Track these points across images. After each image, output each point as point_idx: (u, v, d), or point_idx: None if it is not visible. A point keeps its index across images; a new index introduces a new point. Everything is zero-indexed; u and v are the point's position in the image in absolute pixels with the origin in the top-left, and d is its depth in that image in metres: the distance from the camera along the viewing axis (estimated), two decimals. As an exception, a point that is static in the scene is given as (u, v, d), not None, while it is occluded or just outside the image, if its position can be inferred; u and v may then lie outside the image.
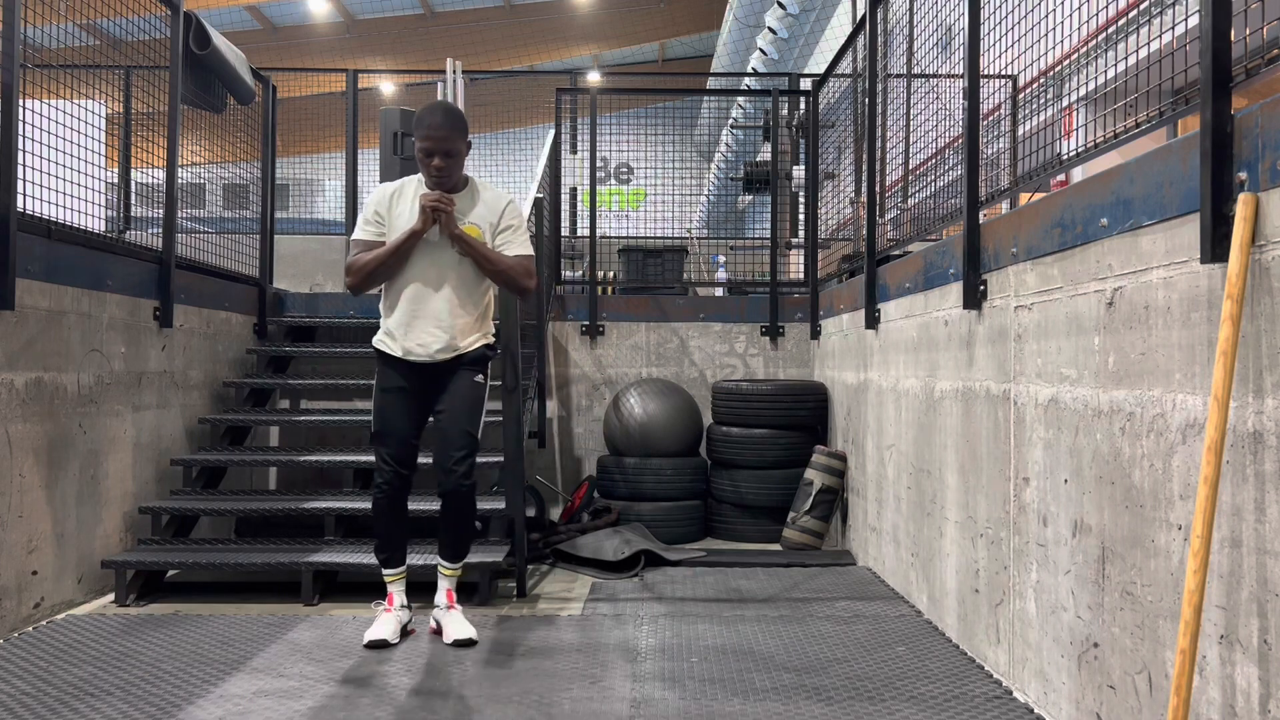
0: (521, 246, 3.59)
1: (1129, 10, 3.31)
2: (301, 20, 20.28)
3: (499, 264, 3.52)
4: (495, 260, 3.51)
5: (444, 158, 3.41)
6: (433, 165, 3.42)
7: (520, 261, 3.56)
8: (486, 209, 3.57)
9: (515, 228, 3.59)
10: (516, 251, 3.57)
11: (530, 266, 3.59)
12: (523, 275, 3.56)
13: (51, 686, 3.08)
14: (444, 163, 3.42)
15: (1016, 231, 3.03)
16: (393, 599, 3.68)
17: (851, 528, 5.34)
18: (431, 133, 3.40)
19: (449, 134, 3.42)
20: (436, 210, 3.40)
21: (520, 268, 3.55)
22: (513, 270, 3.54)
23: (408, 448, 3.61)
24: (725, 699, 2.99)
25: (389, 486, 3.58)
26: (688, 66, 22.10)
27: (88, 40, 4.67)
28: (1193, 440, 2.10)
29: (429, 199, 3.41)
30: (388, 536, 3.65)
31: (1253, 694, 1.90)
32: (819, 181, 6.56)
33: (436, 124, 3.41)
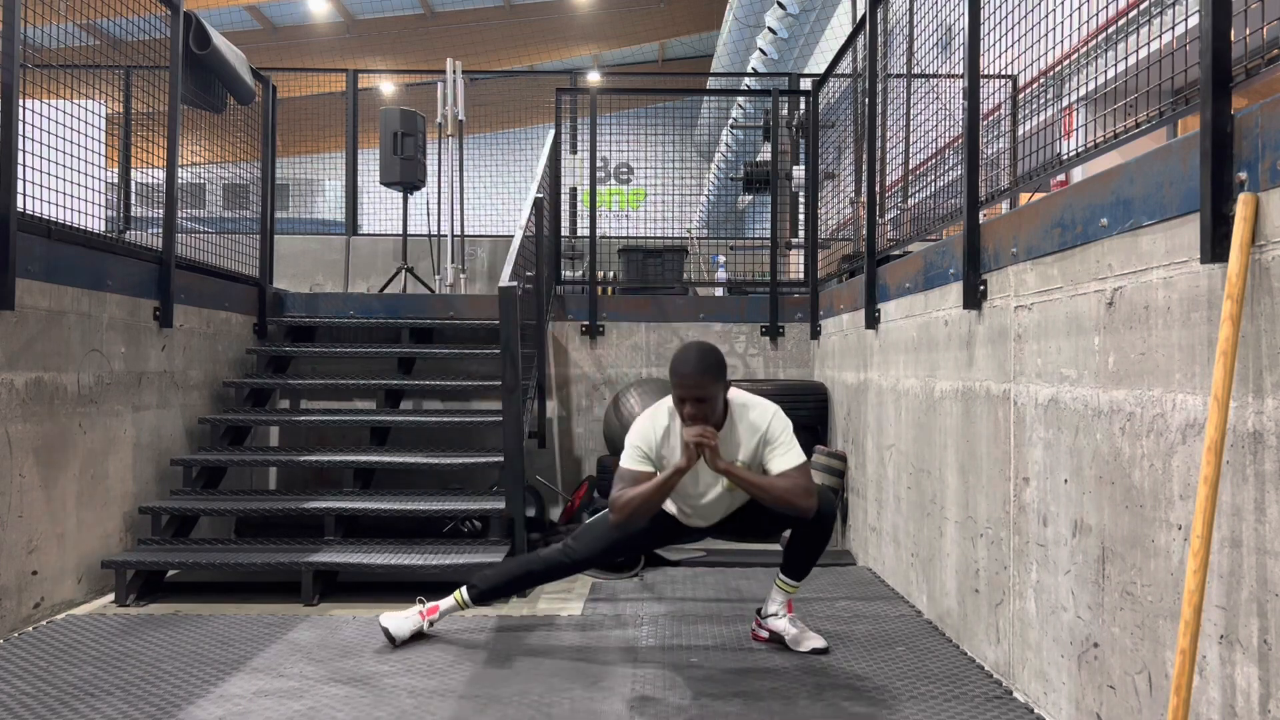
0: (788, 460, 3.33)
1: (1129, 10, 3.30)
2: (301, 20, 20.28)
3: (772, 491, 3.28)
4: (767, 487, 3.29)
5: (696, 404, 3.26)
6: (686, 413, 3.28)
7: (794, 481, 3.29)
8: (750, 432, 3.40)
9: (779, 441, 3.38)
10: (783, 466, 3.32)
11: (807, 483, 3.31)
12: (800, 496, 3.28)
13: (51, 686, 3.08)
14: (696, 410, 3.26)
15: (1016, 231, 3.03)
16: (435, 611, 3.67)
17: (851, 528, 5.34)
18: (684, 380, 3.27)
19: (700, 381, 3.25)
20: (700, 446, 3.24)
21: (796, 488, 3.28)
22: (788, 493, 3.27)
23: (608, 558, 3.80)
24: (725, 699, 2.99)
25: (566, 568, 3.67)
26: (688, 66, 22.10)
27: (88, 40, 4.67)
28: (1193, 440, 2.10)
29: (692, 434, 3.24)
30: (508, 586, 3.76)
31: (1253, 694, 1.90)
32: (819, 181, 6.56)
33: (688, 374, 3.26)
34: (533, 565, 3.71)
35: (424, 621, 3.64)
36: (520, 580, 3.78)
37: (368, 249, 8.37)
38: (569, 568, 3.66)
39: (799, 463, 3.33)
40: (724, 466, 3.26)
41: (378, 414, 5.61)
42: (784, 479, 3.30)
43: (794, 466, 3.32)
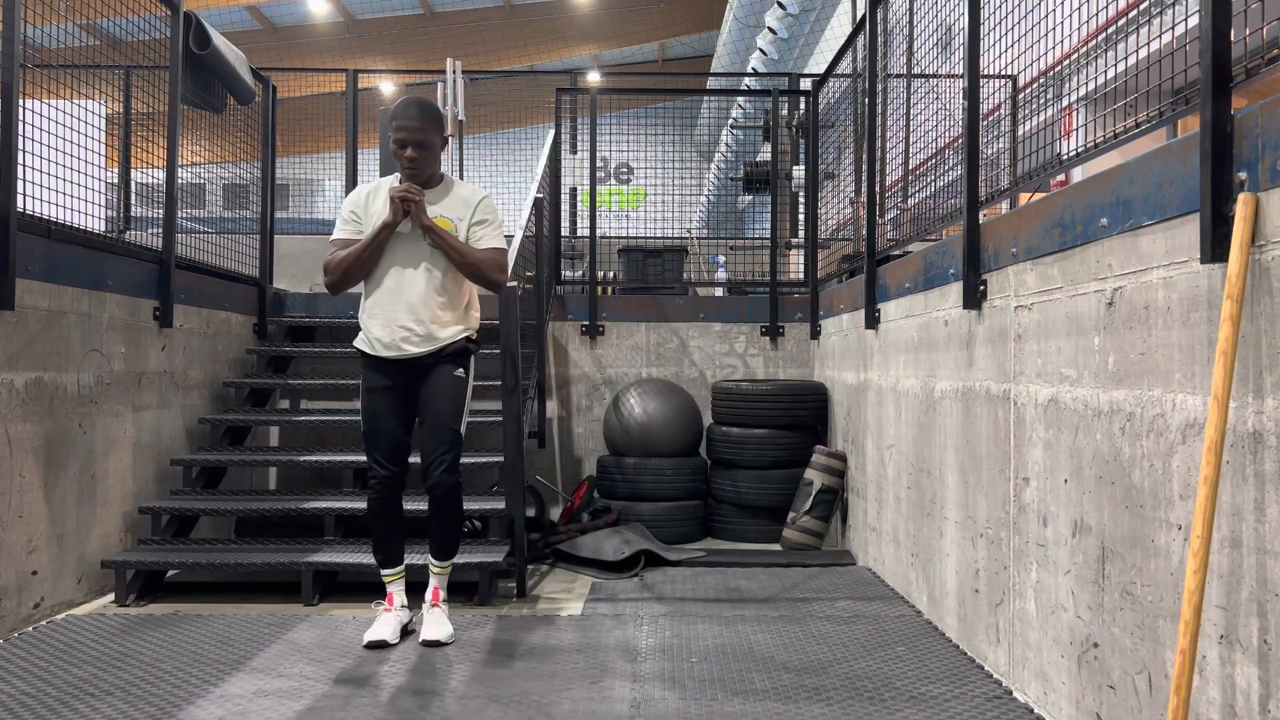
0: (494, 240, 3.60)
1: (1129, 10, 3.30)
2: (301, 20, 20.28)
3: (469, 256, 3.54)
4: (465, 253, 3.53)
5: (417, 148, 3.46)
6: (406, 155, 3.47)
7: (492, 255, 3.57)
8: (460, 204, 3.60)
9: (488, 222, 3.61)
10: (489, 245, 3.58)
11: (502, 260, 3.60)
12: (493, 269, 3.57)
13: (51, 686, 3.08)
14: (417, 154, 3.46)
15: (1016, 231, 3.03)
16: (392, 599, 3.68)
17: (851, 528, 5.34)
18: (405, 123, 3.46)
19: (422, 124, 3.47)
20: (406, 201, 3.45)
21: (492, 261, 3.56)
22: (483, 264, 3.55)
23: (397, 446, 3.62)
24: (725, 699, 2.99)
25: (381, 486, 3.60)
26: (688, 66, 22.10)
27: (88, 40, 4.67)
28: (1193, 440, 2.10)
29: (398, 191, 3.46)
30: (383, 536, 3.67)
31: (1253, 694, 1.90)
32: (819, 181, 6.56)
33: (410, 115, 3.47)
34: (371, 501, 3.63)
35: (396, 611, 3.65)
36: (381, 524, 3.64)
37: (368, 249, 8.35)
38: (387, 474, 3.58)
39: (500, 246, 3.62)
40: (427, 223, 3.47)
41: (378, 414, 5.60)
42: (483, 251, 3.56)
43: (494, 247, 3.59)
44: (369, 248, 3.49)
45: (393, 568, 3.71)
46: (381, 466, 3.58)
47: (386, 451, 3.59)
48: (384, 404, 3.60)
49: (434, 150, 3.52)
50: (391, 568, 3.71)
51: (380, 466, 3.58)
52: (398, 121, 3.47)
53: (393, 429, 3.60)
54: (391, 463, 3.60)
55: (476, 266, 3.55)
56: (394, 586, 3.71)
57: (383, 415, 3.60)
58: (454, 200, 3.60)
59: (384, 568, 3.71)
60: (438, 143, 3.53)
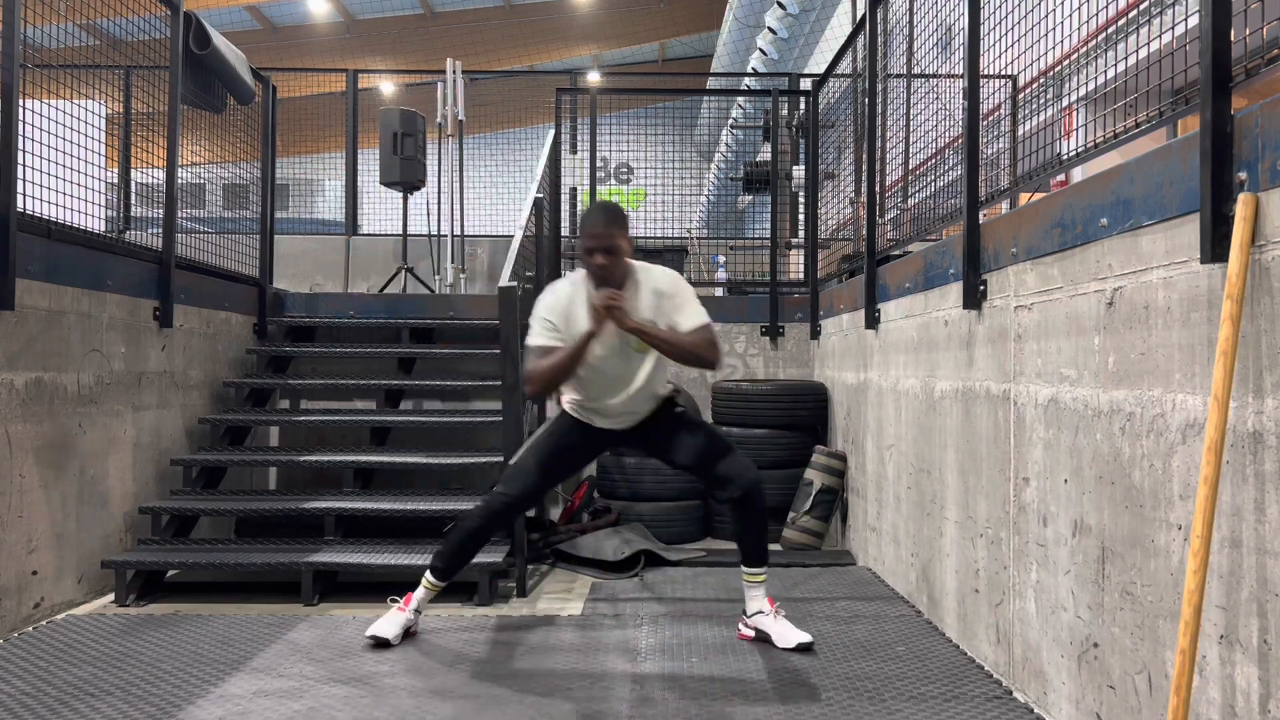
0: (694, 317, 3.44)
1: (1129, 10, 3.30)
2: (301, 20, 20.28)
3: (680, 344, 3.40)
4: (676, 342, 3.41)
5: (605, 254, 3.35)
6: (596, 262, 3.36)
7: (701, 336, 3.42)
8: (654, 295, 3.48)
9: (684, 300, 3.48)
10: (691, 324, 3.43)
11: (711, 337, 3.44)
12: (707, 349, 3.42)
13: (51, 686, 3.08)
14: (606, 260, 3.35)
15: (1016, 231, 3.03)
16: (410, 600, 3.66)
17: (851, 528, 5.34)
18: (593, 231, 3.36)
19: (609, 232, 3.35)
20: (609, 309, 3.33)
21: (703, 342, 3.42)
22: (696, 347, 3.40)
23: (543, 492, 3.71)
24: (725, 699, 2.99)
25: (498, 512, 3.60)
26: (688, 66, 22.10)
27: (88, 40, 4.67)
28: (1193, 440, 2.10)
29: (600, 298, 3.34)
30: (467, 550, 3.67)
31: (1253, 694, 1.90)
32: (819, 181, 6.56)
33: (598, 223, 3.37)
34: (473, 522, 3.63)
35: (407, 613, 3.63)
36: (470, 542, 3.66)
37: (368, 249, 8.37)
38: (507, 511, 3.61)
39: (704, 321, 3.46)
40: (633, 325, 3.37)
41: (378, 414, 5.61)
42: (691, 335, 3.42)
43: (699, 324, 3.45)
44: (574, 357, 3.38)
45: (440, 580, 3.67)
46: (523, 497, 3.60)
47: (535, 489, 3.64)
48: (570, 455, 3.69)
49: (622, 254, 3.41)
50: (440, 580, 3.67)
51: (522, 496, 3.60)
52: (586, 229, 3.38)
53: (561, 476, 3.75)
54: (528, 501, 3.66)
55: (690, 353, 3.42)
56: (421, 592, 3.67)
57: (565, 461, 3.70)
58: (647, 294, 3.48)
59: (435, 577, 3.66)
60: (625, 245, 3.42)
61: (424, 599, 3.68)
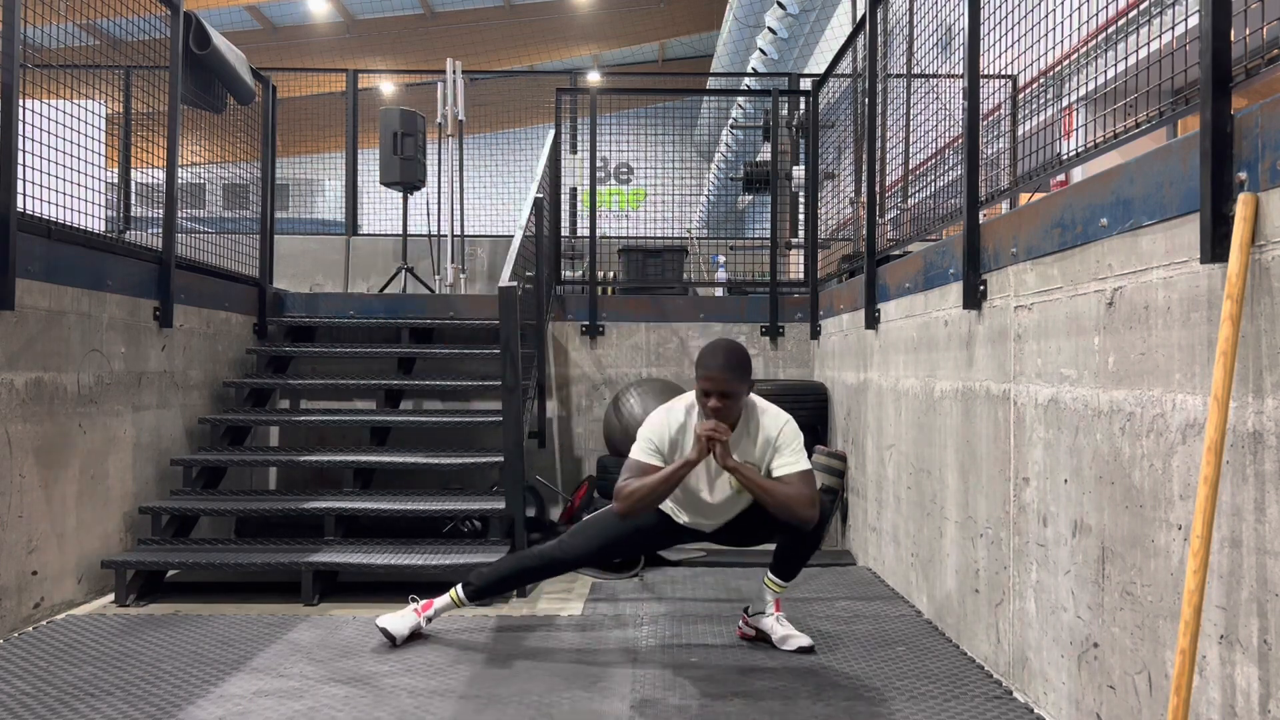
0: (795, 465, 3.34)
1: (1129, 10, 3.31)
2: (301, 20, 20.27)
3: (776, 496, 3.28)
4: (772, 491, 3.29)
5: (720, 398, 3.29)
6: (709, 406, 3.30)
7: (800, 490, 3.29)
8: (763, 443, 3.41)
9: (788, 447, 3.39)
10: (788, 470, 3.33)
11: (810, 493, 3.31)
12: (803, 504, 3.27)
13: (51, 686, 3.08)
14: (721, 403, 3.29)
15: (1016, 231, 3.03)
16: (430, 606, 3.65)
17: (851, 528, 5.34)
18: (712, 375, 3.29)
19: (729, 378, 3.28)
20: (712, 441, 3.26)
21: (800, 496, 3.28)
22: (792, 500, 3.27)
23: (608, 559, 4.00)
24: (726, 699, 2.99)
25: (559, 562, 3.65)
26: (688, 66, 22.09)
27: (88, 40, 4.67)
28: (1193, 440, 2.10)
29: (705, 428, 3.27)
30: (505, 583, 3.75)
31: (1253, 694, 1.90)
32: (819, 181, 6.56)
33: (718, 366, 3.28)
34: (528, 562, 3.69)
35: (420, 619, 3.63)
36: (516, 577, 3.77)
37: (368, 249, 8.37)
38: (564, 565, 3.66)
39: (805, 469, 3.35)
40: (732, 464, 3.28)
41: (378, 414, 5.61)
42: (789, 485, 3.30)
43: (799, 472, 3.33)
44: (669, 482, 3.33)
45: (470, 600, 3.67)
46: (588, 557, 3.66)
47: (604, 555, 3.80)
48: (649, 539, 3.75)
49: (738, 400, 3.34)
50: (470, 599, 3.66)
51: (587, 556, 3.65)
52: (704, 371, 3.30)
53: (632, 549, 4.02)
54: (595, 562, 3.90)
55: (786, 505, 3.28)
56: (444, 601, 3.65)
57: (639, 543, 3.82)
58: (758, 439, 3.42)
59: (466, 594, 3.64)
60: (744, 391, 3.36)
61: (445, 609, 3.67)
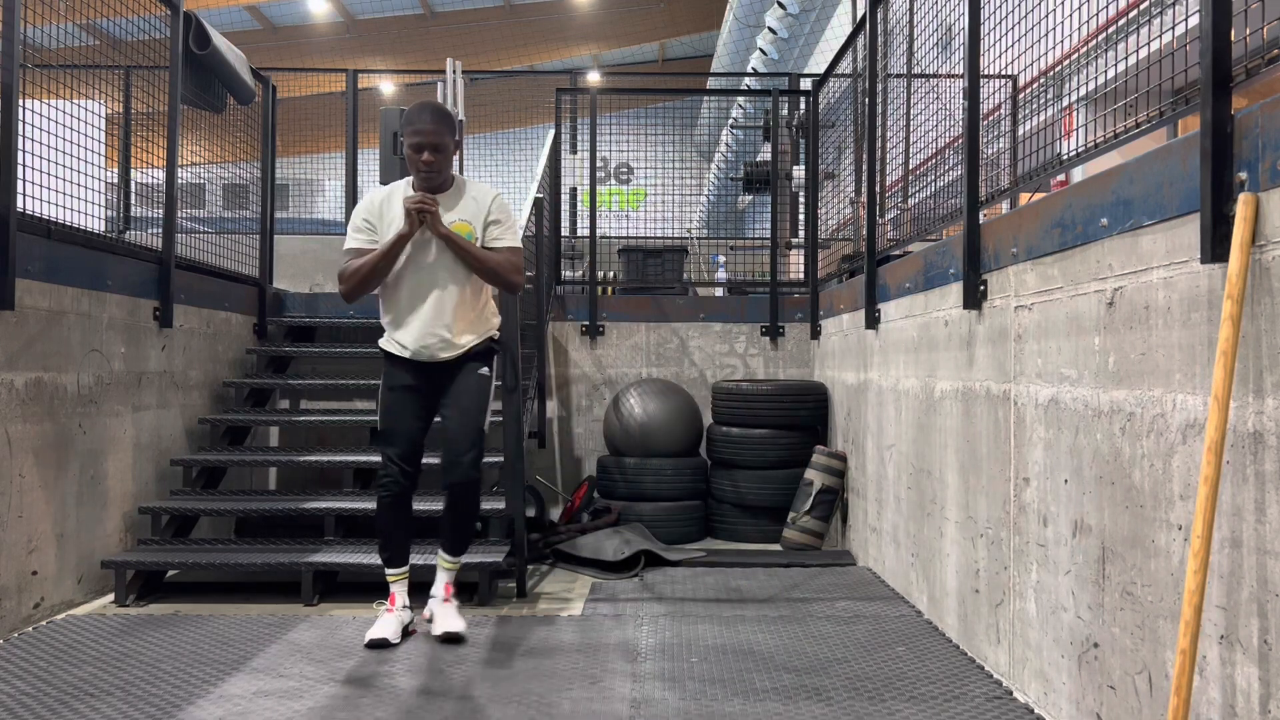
0: (509, 240, 3.60)
1: (1129, 10, 3.31)
2: (301, 20, 20.27)
3: (486, 261, 3.53)
4: (483, 258, 3.53)
5: (433, 152, 3.45)
6: (422, 160, 3.45)
7: (508, 258, 3.57)
8: (474, 205, 3.59)
9: (503, 222, 3.61)
10: (505, 244, 3.58)
11: (518, 262, 3.61)
12: (511, 271, 3.58)
13: (51, 686, 3.08)
14: (433, 158, 3.45)
15: (1016, 231, 3.03)
16: (395, 599, 3.68)
17: (851, 528, 5.34)
18: (420, 128, 3.45)
19: (436, 128, 3.45)
20: (421, 211, 3.43)
21: (509, 264, 3.57)
22: (501, 267, 3.55)
23: (413, 446, 3.63)
24: (725, 699, 2.99)
25: (395, 484, 3.60)
26: (688, 66, 22.09)
27: (88, 40, 4.67)
28: (1193, 440, 2.10)
29: (412, 201, 3.44)
30: (391, 535, 3.67)
31: (1253, 694, 1.90)
32: (819, 181, 6.56)
33: (425, 120, 3.46)
34: (380, 499, 3.62)
35: (398, 612, 3.64)
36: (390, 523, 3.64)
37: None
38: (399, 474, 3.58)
39: (516, 245, 3.61)
40: (444, 231, 3.45)
41: (378, 414, 5.60)
42: (499, 255, 3.56)
43: (510, 246, 3.59)
44: (385, 257, 3.47)
45: (398, 568, 3.70)
46: (396, 464, 3.58)
47: (404, 450, 3.60)
48: (407, 403, 3.62)
49: (449, 154, 3.52)
50: (396, 568, 3.70)
51: (395, 464, 3.58)
52: (412, 126, 3.45)
53: (412, 428, 3.63)
54: (407, 461, 3.60)
55: (495, 272, 3.55)
56: (398, 587, 3.70)
57: (404, 414, 3.62)
58: (468, 202, 3.59)
59: (389, 567, 3.70)
60: (451, 146, 3.52)
61: (402, 590, 3.70)
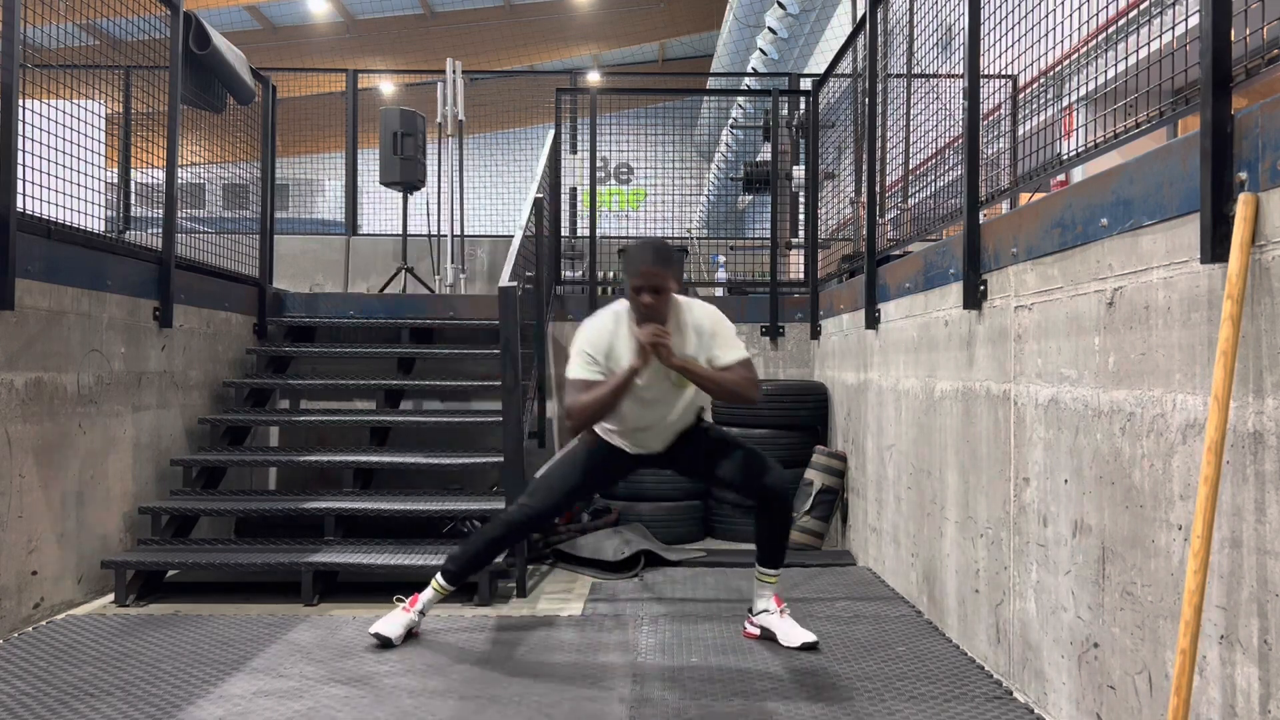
0: (734, 352, 3.47)
1: (1129, 10, 3.30)
2: (301, 20, 20.27)
3: (724, 384, 3.41)
4: (719, 381, 3.41)
5: (653, 295, 3.33)
6: (643, 302, 3.34)
7: (742, 374, 3.44)
8: (694, 331, 3.48)
9: (722, 335, 3.49)
10: (730, 359, 3.45)
11: (752, 375, 3.46)
12: (749, 388, 3.43)
13: (51, 686, 3.08)
14: (653, 300, 3.34)
15: (1016, 231, 3.03)
16: (417, 600, 3.66)
17: (852, 528, 5.34)
18: (643, 270, 3.33)
19: (659, 272, 3.33)
20: (655, 345, 3.32)
21: (745, 380, 3.43)
22: (739, 385, 3.42)
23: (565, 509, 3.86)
24: (725, 699, 2.99)
25: (521, 524, 3.63)
26: (688, 66, 22.09)
27: (88, 40, 4.67)
28: (1193, 440, 2.10)
29: (646, 334, 3.32)
30: (486, 556, 3.74)
31: (1253, 694, 1.90)
32: (819, 181, 6.55)
33: (647, 261, 3.33)
34: (494, 532, 3.66)
35: (411, 614, 3.63)
36: (488, 549, 3.71)
37: (368, 249, 8.37)
38: (529, 523, 3.64)
39: (744, 357, 3.48)
40: (678, 362, 3.36)
41: (378, 414, 5.60)
42: (732, 372, 3.44)
43: (740, 361, 3.47)
44: (618, 392, 3.36)
45: (451, 584, 3.68)
46: (546, 512, 3.64)
47: (560, 506, 3.70)
48: (599, 474, 3.70)
49: (670, 294, 3.40)
50: (450, 583, 3.67)
51: (545, 512, 3.63)
52: (633, 268, 3.35)
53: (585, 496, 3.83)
54: (554, 515, 3.75)
55: (734, 393, 3.43)
56: (427, 594, 3.67)
57: (592, 483, 3.75)
58: (689, 330, 3.48)
59: (445, 579, 3.66)
60: (674, 284, 3.40)
61: (431, 601, 3.67)
